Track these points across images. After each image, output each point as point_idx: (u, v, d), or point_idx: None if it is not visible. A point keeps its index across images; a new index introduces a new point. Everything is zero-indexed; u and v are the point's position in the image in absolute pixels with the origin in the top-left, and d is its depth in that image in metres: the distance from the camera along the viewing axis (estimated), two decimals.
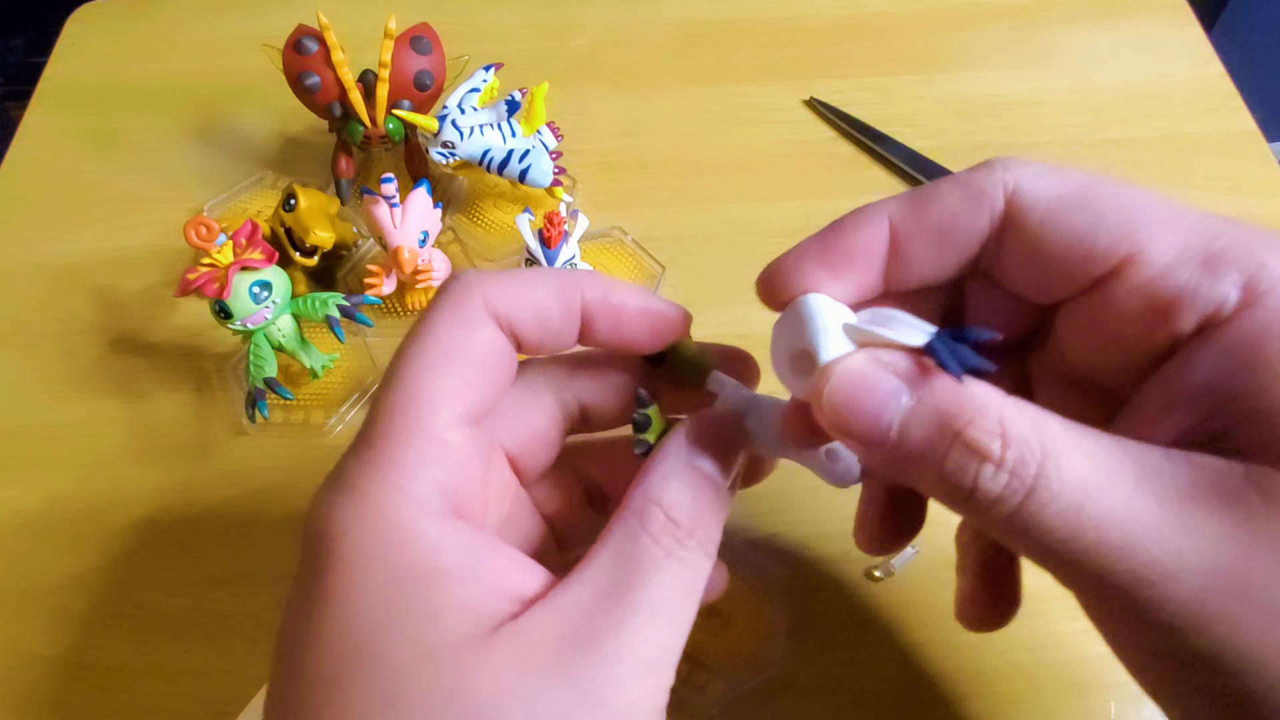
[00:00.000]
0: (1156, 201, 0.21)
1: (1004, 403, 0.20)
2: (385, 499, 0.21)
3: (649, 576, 0.21)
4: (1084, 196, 0.21)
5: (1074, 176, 0.22)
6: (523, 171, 0.43)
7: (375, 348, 0.43)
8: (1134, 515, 0.18)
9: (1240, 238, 0.20)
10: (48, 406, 0.42)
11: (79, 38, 0.58)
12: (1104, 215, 0.21)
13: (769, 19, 0.57)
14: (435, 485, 0.22)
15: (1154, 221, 0.20)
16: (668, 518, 0.22)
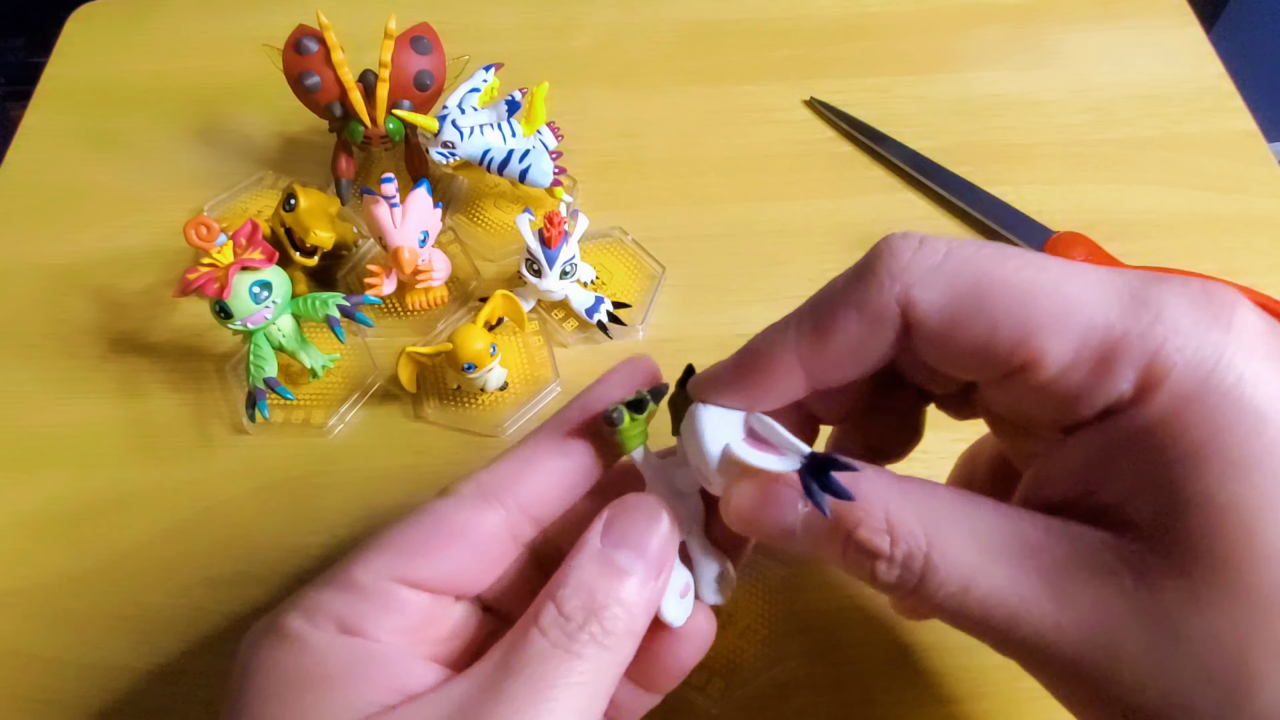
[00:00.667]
0: (1052, 294, 0.21)
1: (889, 497, 0.22)
2: (294, 628, 0.23)
3: (531, 668, 0.22)
4: (978, 301, 0.21)
5: (965, 273, 0.21)
6: (523, 171, 0.43)
7: (375, 348, 0.43)
8: (1016, 592, 0.20)
9: (1138, 325, 0.20)
10: (48, 406, 0.42)
11: (79, 38, 0.58)
12: (998, 323, 0.21)
13: (769, 19, 0.57)
14: (334, 614, 0.23)
15: (1048, 324, 0.20)
16: (558, 611, 0.22)
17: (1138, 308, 0.20)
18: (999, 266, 0.21)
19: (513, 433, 0.40)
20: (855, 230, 0.47)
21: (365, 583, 0.23)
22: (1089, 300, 0.20)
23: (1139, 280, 0.21)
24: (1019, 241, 0.45)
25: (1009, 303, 0.21)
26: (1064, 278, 0.21)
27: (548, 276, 0.41)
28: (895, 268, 0.22)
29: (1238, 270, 0.44)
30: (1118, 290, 0.21)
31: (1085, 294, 0.21)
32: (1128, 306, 0.20)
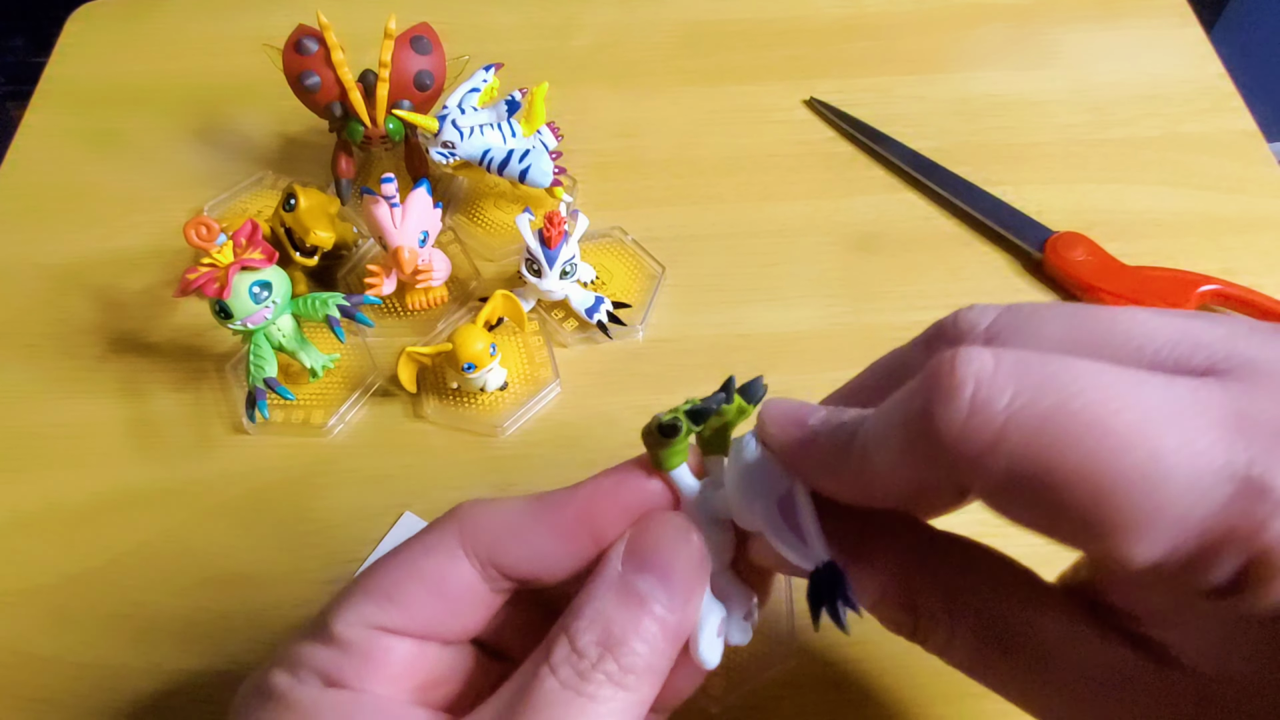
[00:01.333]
0: (1141, 481, 0.16)
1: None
2: (278, 684, 0.22)
3: (539, 714, 0.20)
4: (1046, 488, 0.18)
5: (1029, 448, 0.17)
6: (523, 171, 0.43)
7: (375, 348, 0.43)
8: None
9: (1248, 520, 0.16)
10: (48, 406, 0.42)
11: (79, 38, 0.58)
12: (1068, 517, 0.18)
13: (769, 19, 0.57)
14: (316, 667, 0.23)
15: (1131, 526, 0.17)
16: (571, 647, 0.21)
17: (1250, 496, 0.16)
18: (1073, 430, 0.16)
19: (513, 433, 0.40)
20: (855, 230, 0.47)
21: (344, 633, 0.23)
22: (1188, 485, 0.16)
23: (1257, 449, 0.16)
24: (1019, 241, 0.45)
25: (1084, 493, 0.16)
26: (1159, 449, 0.16)
27: (548, 276, 0.41)
28: (947, 439, 0.17)
29: (1238, 270, 0.44)
30: (1228, 467, 0.16)
31: (1184, 475, 0.16)
32: (1239, 492, 0.16)
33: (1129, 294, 0.42)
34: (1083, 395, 0.16)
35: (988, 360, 0.17)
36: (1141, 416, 0.16)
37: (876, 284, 0.45)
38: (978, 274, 0.45)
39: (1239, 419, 0.16)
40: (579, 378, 0.42)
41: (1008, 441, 0.17)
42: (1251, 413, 0.16)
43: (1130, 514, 0.16)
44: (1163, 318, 0.19)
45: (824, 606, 0.20)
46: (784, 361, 0.42)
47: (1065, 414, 0.16)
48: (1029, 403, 0.17)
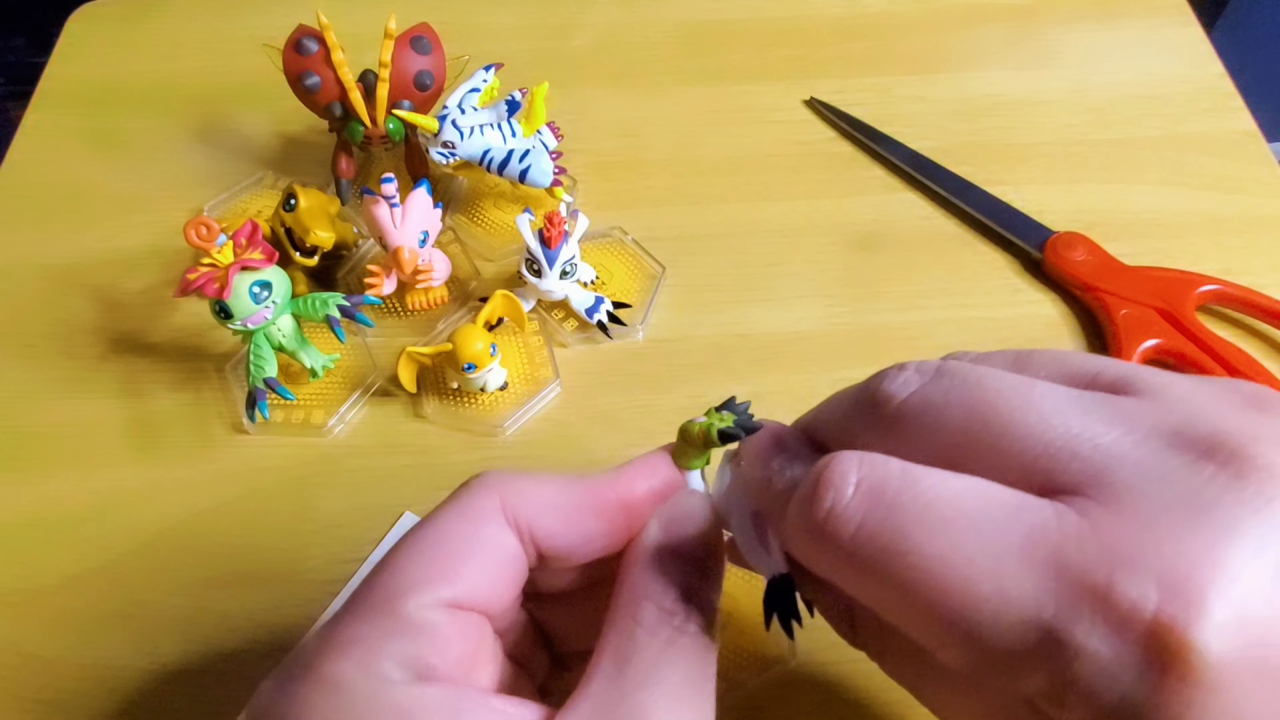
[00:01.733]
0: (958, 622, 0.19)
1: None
2: (346, 675, 0.20)
3: (655, 674, 0.21)
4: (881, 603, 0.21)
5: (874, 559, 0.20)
6: (523, 171, 0.43)
7: (375, 348, 0.43)
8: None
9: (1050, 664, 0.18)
10: (48, 406, 0.42)
11: (79, 38, 0.58)
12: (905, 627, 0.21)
13: (769, 19, 0.57)
14: (399, 658, 0.21)
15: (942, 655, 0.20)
16: (660, 608, 0.22)
17: (1051, 646, 0.17)
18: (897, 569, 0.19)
19: (513, 433, 0.40)
20: (855, 230, 0.47)
21: (421, 616, 0.21)
22: (996, 633, 0.18)
23: (1064, 599, 0.17)
24: (1019, 241, 0.45)
25: (910, 621, 0.19)
26: (974, 592, 0.18)
27: (548, 276, 0.41)
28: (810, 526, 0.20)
29: (1238, 270, 0.44)
30: (1036, 619, 0.17)
31: (992, 625, 0.18)
32: (1042, 641, 0.17)
33: (1129, 294, 0.42)
34: (913, 537, 0.19)
35: (848, 486, 0.20)
36: (965, 560, 0.18)
37: (876, 284, 0.45)
38: (978, 274, 0.45)
39: (1059, 564, 0.17)
40: (579, 378, 0.42)
41: (848, 565, 0.20)
42: (1074, 556, 0.17)
43: (948, 649, 0.19)
44: (1060, 415, 0.20)
45: (775, 612, 0.23)
46: (784, 361, 0.42)
47: (895, 555, 0.19)
48: (869, 538, 0.19)
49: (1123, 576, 0.17)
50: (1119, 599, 0.17)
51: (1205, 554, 0.17)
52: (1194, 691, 0.16)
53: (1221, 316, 0.43)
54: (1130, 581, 0.17)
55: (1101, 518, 0.18)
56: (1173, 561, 0.17)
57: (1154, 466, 0.18)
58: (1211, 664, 0.16)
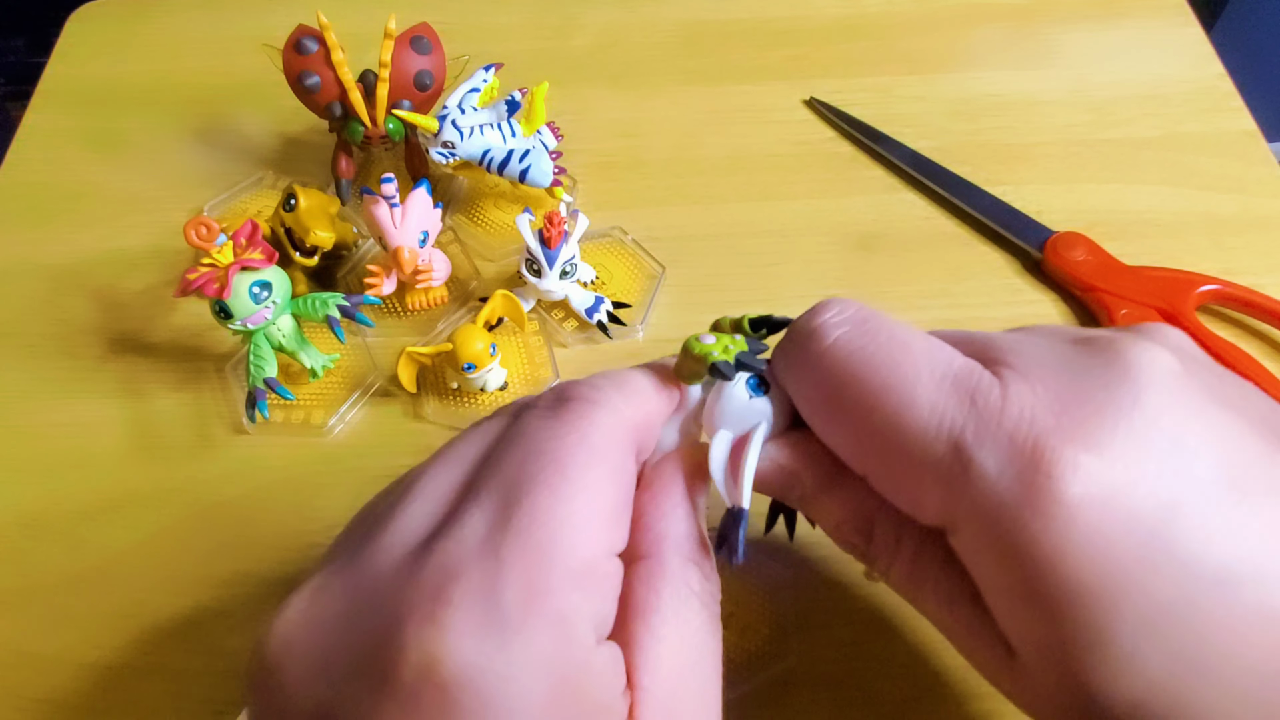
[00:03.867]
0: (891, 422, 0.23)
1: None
2: (557, 645, 0.19)
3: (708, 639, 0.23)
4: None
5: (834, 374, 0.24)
6: (523, 171, 0.43)
7: (375, 348, 0.43)
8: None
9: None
10: (48, 406, 0.42)
11: (79, 38, 0.58)
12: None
13: (769, 19, 0.57)
14: (592, 621, 0.20)
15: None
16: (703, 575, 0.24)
17: (955, 457, 0.21)
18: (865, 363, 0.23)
19: None
20: (855, 230, 0.47)
21: (600, 567, 0.21)
22: (919, 434, 0.22)
23: (973, 421, 0.22)
24: (1019, 241, 0.45)
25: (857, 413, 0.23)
26: (909, 393, 0.22)
27: (548, 276, 0.41)
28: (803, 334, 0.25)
29: (1238, 270, 0.44)
30: (949, 430, 0.22)
31: (919, 425, 0.22)
32: (947, 452, 0.22)
33: (1129, 294, 0.42)
34: (885, 345, 0.23)
35: (833, 309, 0.25)
36: (911, 376, 0.22)
37: (876, 284, 0.45)
38: (978, 274, 0.45)
39: (974, 395, 0.22)
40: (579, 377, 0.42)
41: (822, 373, 0.24)
42: (988, 393, 0.22)
43: (876, 457, 0.23)
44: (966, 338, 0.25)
45: (725, 541, 0.23)
46: None
47: (861, 362, 0.23)
48: (844, 344, 0.24)
49: (1018, 409, 0.21)
50: (1011, 423, 0.21)
51: (1086, 405, 0.21)
52: (1056, 507, 0.20)
53: (1221, 316, 0.43)
54: (1023, 415, 0.21)
55: (1011, 377, 0.22)
56: (1060, 406, 0.21)
57: (1050, 349, 0.23)
58: (1076, 488, 0.20)
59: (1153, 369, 0.21)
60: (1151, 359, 0.22)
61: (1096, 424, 0.20)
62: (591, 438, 0.22)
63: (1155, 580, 0.19)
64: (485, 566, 0.19)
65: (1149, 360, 0.21)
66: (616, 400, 0.24)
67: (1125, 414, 0.21)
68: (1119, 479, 0.20)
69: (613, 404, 0.23)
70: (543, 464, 0.21)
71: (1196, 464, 0.20)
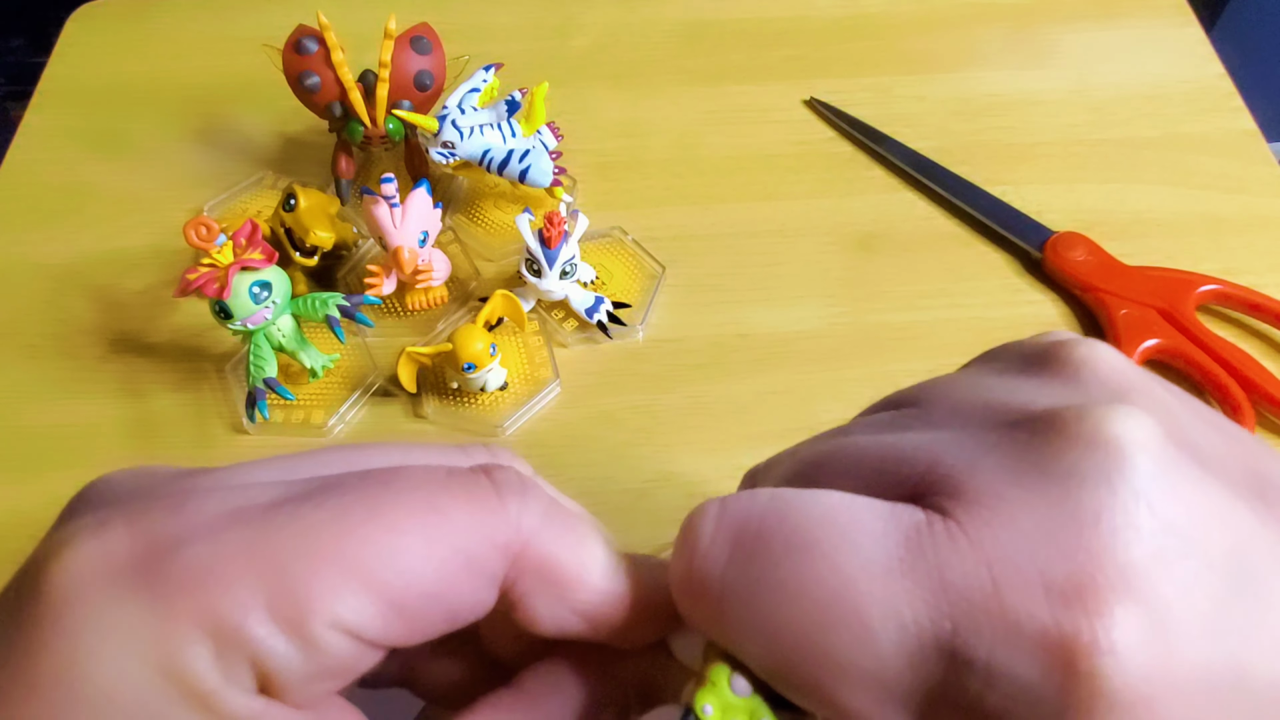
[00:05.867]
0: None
1: None
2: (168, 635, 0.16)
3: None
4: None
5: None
6: (523, 171, 0.43)
7: (375, 348, 0.43)
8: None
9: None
10: (48, 406, 0.42)
11: (79, 38, 0.58)
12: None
13: (769, 19, 0.57)
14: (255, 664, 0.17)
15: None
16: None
17: (959, 670, 0.15)
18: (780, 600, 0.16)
19: (513, 433, 0.40)
20: (855, 230, 0.47)
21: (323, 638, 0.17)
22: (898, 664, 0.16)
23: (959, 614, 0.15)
24: (1019, 241, 0.45)
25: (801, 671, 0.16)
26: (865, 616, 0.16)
27: (548, 276, 0.41)
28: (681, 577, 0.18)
29: (1238, 270, 0.44)
30: (934, 641, 0.15)
31: (894, 656, 0.15)
32: (950, 667, 0.15)
33: (1129, 294, 0.42)
34: (784, 564, 0.16)
35: (708, 525, 0.18)
36: (848, 581, 0.16)
37: (876, 284, 0.45)
38: (978, 274, 0.45)
39: (943, 577, 0.15)
40: (579, 378, 0.42)
41: (726, 617, 0.17)
42: (956, 567, 0.15)
43: (856, 699, 0.16)
44: (872, 436, 0.19)
45: None
46: (784, 361, 0.42)
47: (770, 589, 0.16)
48: (738, 576, 0.17)
49: (1010, 588, 0.15)
50: (1013, 614, 0.15)
51: (1085, 552, 0.15)
52: (1110, 705, 0.14)
53: (1221, 316, 0.43)
54: (1019, 594, 0.15)
55: (964, 518, 0.16)
56: (1053, 563, 0.15)
57: (981, 452, 0.17)
58: (1127, 673, 0.14)
59: (1129, 449, 0.15)
60: (1120, 436, 0.16)
61: (1108, 557, 0.15)
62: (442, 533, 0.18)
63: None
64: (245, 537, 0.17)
65: (1118, 437, 0.16)
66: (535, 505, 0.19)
67: (1136, 529, 0.15)
68: (1168, 640, 0.14)
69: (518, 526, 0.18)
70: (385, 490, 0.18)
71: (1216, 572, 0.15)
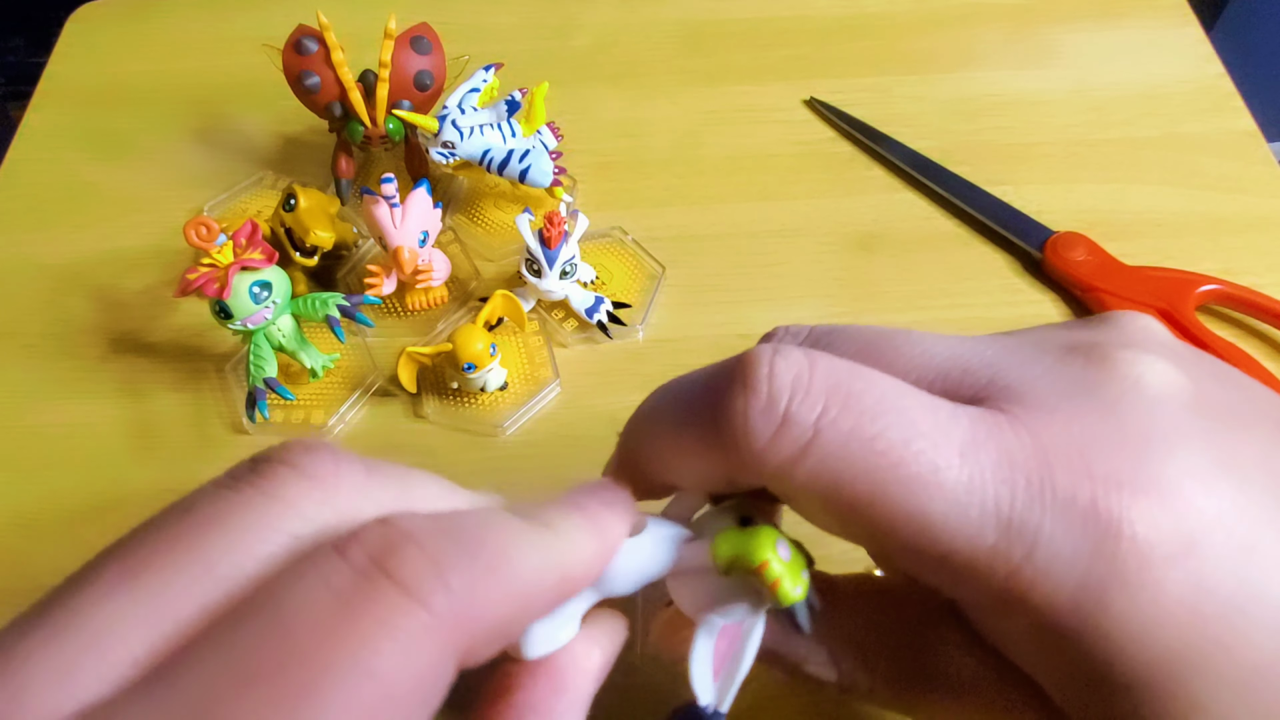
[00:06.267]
0: (915, 518, 0.18)
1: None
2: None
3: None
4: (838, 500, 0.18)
5: (822, 478, 0.18)
6: (523, 171, 0.43)
7: (375, 348, 0.43)
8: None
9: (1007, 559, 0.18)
10: (48, 406, 0.42)
11: (79, 38, 0.58)
12: (859, 528, 0.19)
13: (769, 19, 0.57)
14: None
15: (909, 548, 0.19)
16: None
17: (1010, 539, 0.17)
18: (863, 466, 0.18)
19: (513, 433, 0.40)
20: (855, 230, 0.47)
21: None
22: (962, 528, 0.18)
23: (1018, 492, 0.18)
24: (1019, 241, 0.45)
25: (872, 519, 0.18)
26: (941, 478, 0.18)
27: (548, 276, 0.41)
28: (751, 450, 0.18)
29: (1238, 270, 0.44)
30: (994, 512, 0.18)
31: (959, 518, 0.18)
32: (1001, 536, 0.18)
33: (1129, 294, 0.42)
34: (882, 418, 0.18)
35: (804, 365, 0.18)
36: (930, 448, 0.18)
37: (876, 284, 0.45)
38: (978, 274, 0.45)
39: (1004, 458, 0.18)
40: (579, 378, 0.42)
41: (811, 458, 0.18)
42: (1012, 450, 0.18)
43: (911, 541, 0.18)
44: (939, 341, 0.21)
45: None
46: None
47: (864, 439, 0.18)
48: (835, 420, 0.18)
49: (1063, 472, 0.17)
50: (1062, 478, 0.17)
51: (1123, 443, 0.18)
52: (1141, 575, 0.17)
53: (1221, 316, 0.43)
54: (1070, 464, 0.17)
55: (1025, 418, 0.18)
56: (1096, 447, 0.18)
57: (1039, 371, 0.19)
58: (1158, 549, 0.17)
59: (1170, 391, 0.19)
60: (1163, 379, 0.19)
61: (1145, 465, 0.17)
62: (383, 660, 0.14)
63: (1251, 635, 0.17)
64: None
65: (1160, 380, 0.19)
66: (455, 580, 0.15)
67: (1171, 448, 0.18)
68: (1193, 527, 0.17)
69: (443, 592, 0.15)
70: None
71: (1250, 493, 0.18)
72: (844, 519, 0.19)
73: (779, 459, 0.18)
